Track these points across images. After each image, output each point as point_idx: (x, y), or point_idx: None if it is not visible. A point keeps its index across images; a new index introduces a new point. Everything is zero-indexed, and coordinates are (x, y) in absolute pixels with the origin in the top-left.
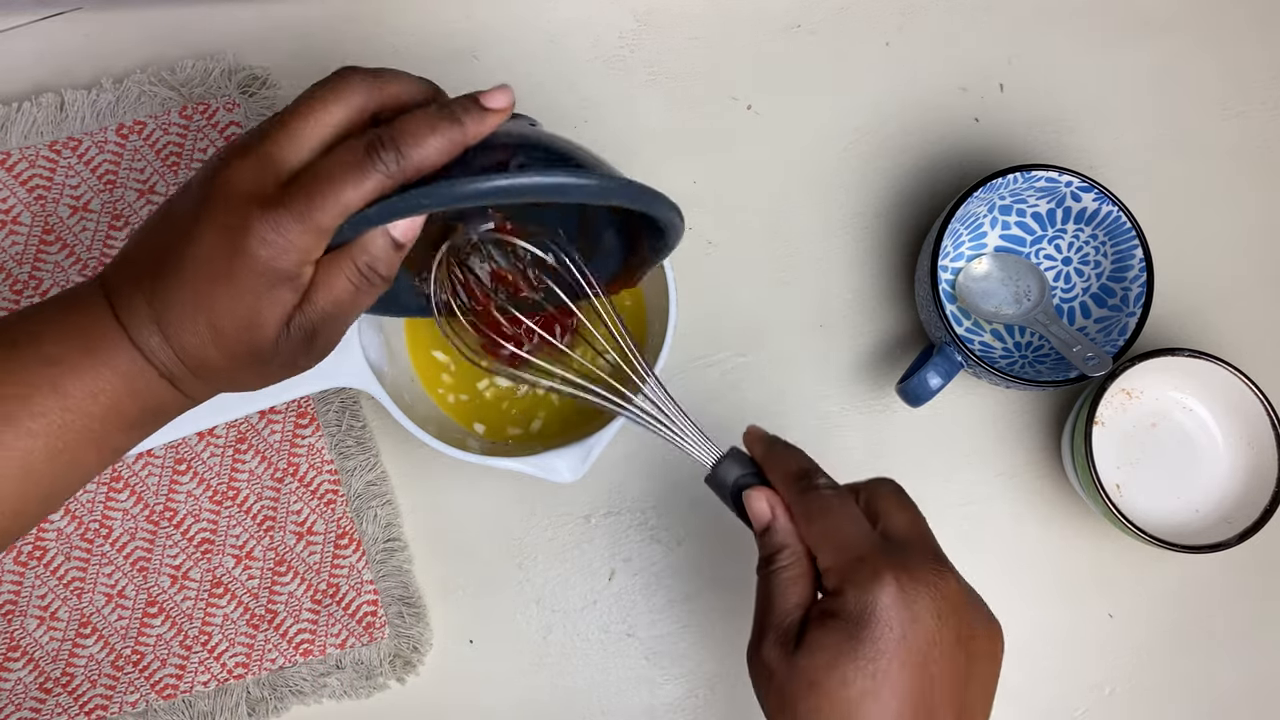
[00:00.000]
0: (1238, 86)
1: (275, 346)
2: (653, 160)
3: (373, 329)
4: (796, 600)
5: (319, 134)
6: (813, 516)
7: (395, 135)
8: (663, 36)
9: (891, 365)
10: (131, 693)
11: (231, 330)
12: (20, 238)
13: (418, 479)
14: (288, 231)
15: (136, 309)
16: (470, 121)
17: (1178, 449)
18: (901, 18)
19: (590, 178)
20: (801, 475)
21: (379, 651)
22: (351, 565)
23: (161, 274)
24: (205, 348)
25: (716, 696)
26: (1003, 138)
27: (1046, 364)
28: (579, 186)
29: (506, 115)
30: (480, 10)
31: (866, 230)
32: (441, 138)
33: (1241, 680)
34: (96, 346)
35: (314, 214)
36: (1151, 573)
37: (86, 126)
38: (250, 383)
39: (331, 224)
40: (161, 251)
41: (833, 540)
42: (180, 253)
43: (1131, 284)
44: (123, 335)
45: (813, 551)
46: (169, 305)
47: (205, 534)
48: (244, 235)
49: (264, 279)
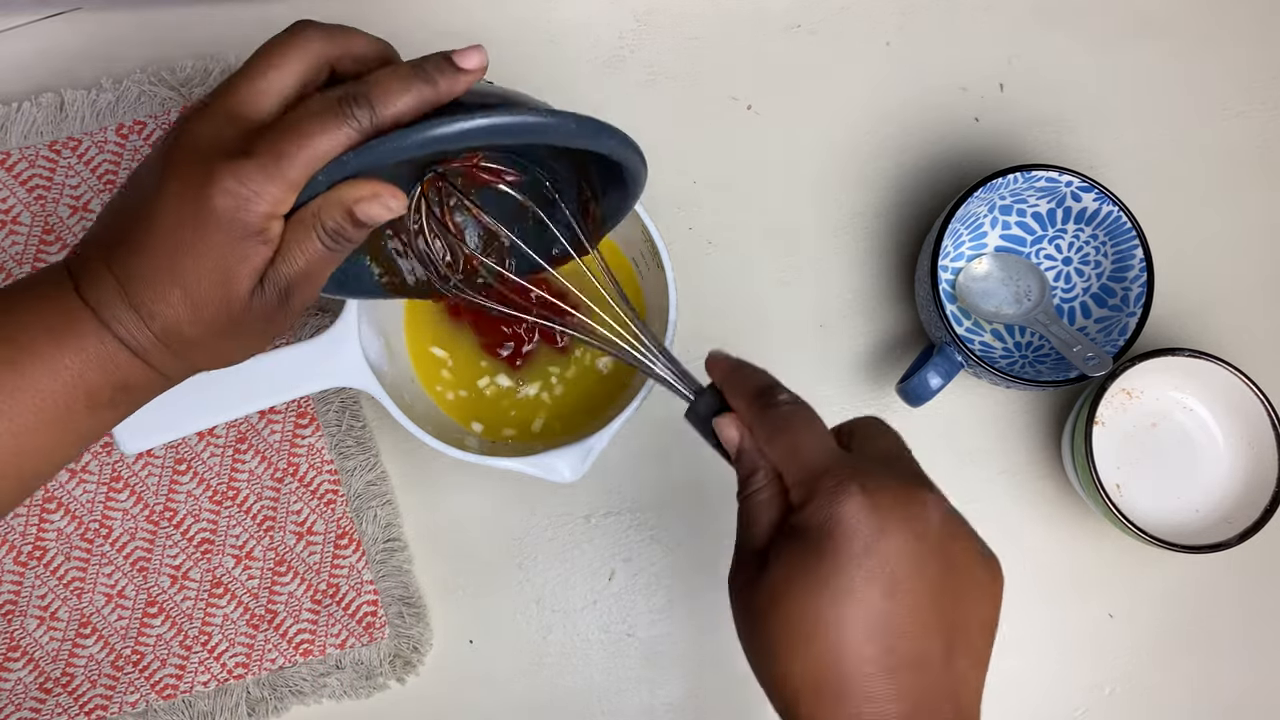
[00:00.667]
0: (1238, 86)
1: (249, 307)
2: (652, 160)
3: (372, 329)
4: (767, 522)
5: (279, 87)
6: (773, 433)
7: (368, 90)
8: (662, 37)
9: (891, 365)
10: (131, 693)
11: (201, 291)
12: (20, 238)
13: (418, 479)
14: (253, 183)
15: (102, 283)
16: (443, 80)
17: (1178, 449)
18: (901, 18)
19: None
20: (761, 393)
21: (379, 651)
22: (351, 565)
23: (125, 242)
24: (176, 314)
25: (716, 697)
26: (1003, 138)
27: (1046, 364)
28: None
29: (480, 76)
30: (479, 11)
31: (866, 230)
32: (414, 95)
33: (1241, 680)
34: (57, 325)
35: (281, 165)
36: (1151, 573)
37: (86, 126)
38: (227, 351)
39: (299, 176)
40: (123, 221)
41: (797, 454)
42: (142, 218)
43: (1132, 284)
44: (87, 313)
45: (779, 470)
46: (133, 275)
47: (205, 534)
48: (208, 189)
49: (231, 234)
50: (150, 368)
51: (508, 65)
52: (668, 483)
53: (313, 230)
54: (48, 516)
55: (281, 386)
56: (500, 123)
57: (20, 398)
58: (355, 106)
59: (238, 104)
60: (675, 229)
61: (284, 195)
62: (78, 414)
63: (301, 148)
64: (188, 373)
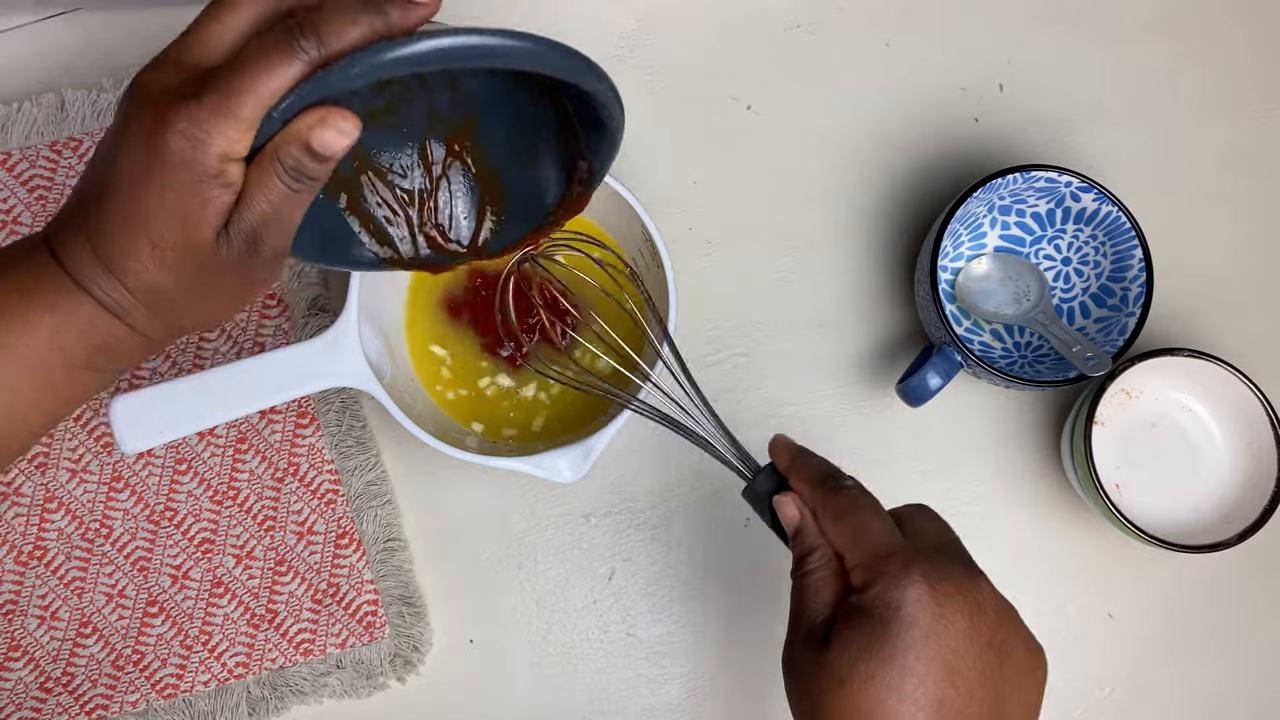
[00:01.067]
0: (1238, 86)
1: (216, 253)
2: (652, 160)
3: (372, 329)
4: (826, 600)
5: (231, 34)
6: (840, 515)
7: (316, 22)
8: (662, 37)
9: (891, 365)
10: (132, 692)
11: (166, 239)
12: (21, 238)
13: (418, 479)
14: (204, 122)
15: (75, 245)
16: (395, 11)
17: (1177, 449)
18: (901, 18)
19: (531, 38)
20: (827, 477)
21: (379, 651)
22: (352, 565)
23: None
24: (146, 266)
25: (716, 697)
26: (1002, 138)
27: (1046, 364)
28: (516, 48)
29: (434, 11)
30: (479, 12)
31: (866, 230)
32: (364, 27)
33: (1241, 680)
34: (30, 285)
35: (231, 103)
36: (1151, 572)
37: (87, 126)
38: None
39: (252, 114)
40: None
41: (860, 537)
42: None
43: (1131, 284)
44: (61, 275)
45: (841, 551)
46: (103, 232)
47: (206, 534)
48: (161, 132)
49: (187, 176)
50: (131, 329)
51: None
52: (668, 483)
53: (272, 170)
54: (48, 516)
55: (282, 387)
56: (452, 45)
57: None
58: (303, 38)
59: (189, 51)
60: (675, 229)
61: (239, 135)
62: (55, 375)
63: (252, 83)
64: (171, 333)
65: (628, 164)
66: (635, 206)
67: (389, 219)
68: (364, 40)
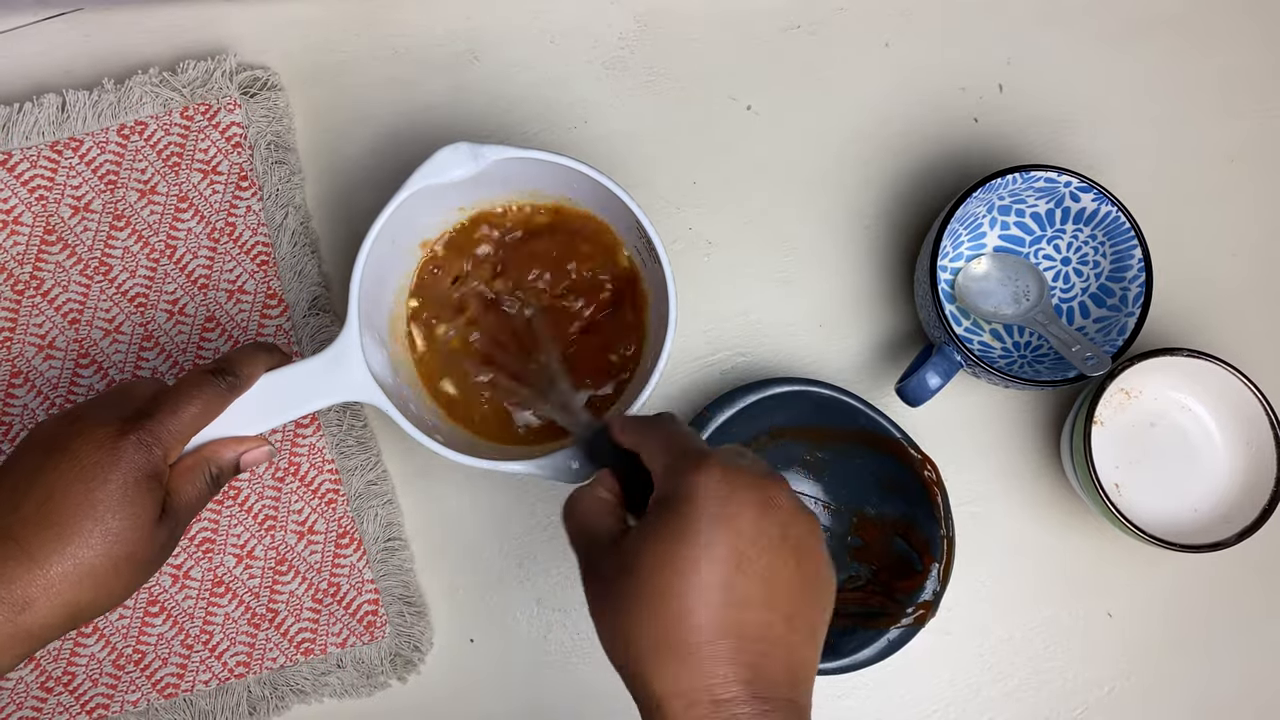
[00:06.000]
0: (1237, 87)
1: (152, 546)
2: (652, 160)
3: (375, 343)
4: (610, 522)
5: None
6: (648, 428)
7: (228, 364)
8: (662, 37)
9: (891, 365)
10: (133, 692)
11: (112, 526)
12: (22, 238)
13: (418, 479)
14: (156, 434)
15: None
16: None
17: (1177, 449)
18: (901, 18)
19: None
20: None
21: (380, 650)
22: (352, 564)
23: (25, 501)
24: (88, 548)
25: None
26: (1002, 138)
27: (1046, 364)
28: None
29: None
30: (480, 12)
31: (866, 230)
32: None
33: (1241, 679)
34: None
35: (174, 423)
36: (1151, 572)
37: (88, 127)
38: (116, 589)
39: (189, 431)
40: (19, 493)
41: (670, 443)
42: (45, 478)
43: (1130, 284)
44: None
45: (649, 464)
46: (42, 524)
47: (206, 533)
48: (120, 442)
49: (140, 474)
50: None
51: (509, 67)
52: None
53: (196, 476)
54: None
55: (291, 404)
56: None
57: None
58: (225, 376)
59: (126, 396)
60: (675, 229)
61: (178, 446)
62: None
63: (189, 405)
64: (65, 623)
65: (628, 164)
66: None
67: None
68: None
